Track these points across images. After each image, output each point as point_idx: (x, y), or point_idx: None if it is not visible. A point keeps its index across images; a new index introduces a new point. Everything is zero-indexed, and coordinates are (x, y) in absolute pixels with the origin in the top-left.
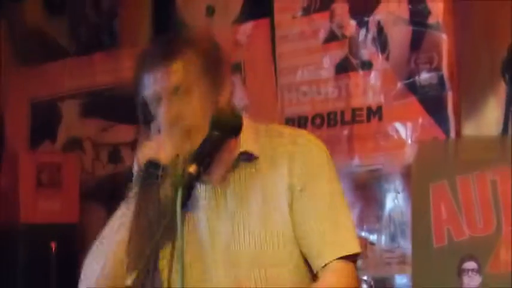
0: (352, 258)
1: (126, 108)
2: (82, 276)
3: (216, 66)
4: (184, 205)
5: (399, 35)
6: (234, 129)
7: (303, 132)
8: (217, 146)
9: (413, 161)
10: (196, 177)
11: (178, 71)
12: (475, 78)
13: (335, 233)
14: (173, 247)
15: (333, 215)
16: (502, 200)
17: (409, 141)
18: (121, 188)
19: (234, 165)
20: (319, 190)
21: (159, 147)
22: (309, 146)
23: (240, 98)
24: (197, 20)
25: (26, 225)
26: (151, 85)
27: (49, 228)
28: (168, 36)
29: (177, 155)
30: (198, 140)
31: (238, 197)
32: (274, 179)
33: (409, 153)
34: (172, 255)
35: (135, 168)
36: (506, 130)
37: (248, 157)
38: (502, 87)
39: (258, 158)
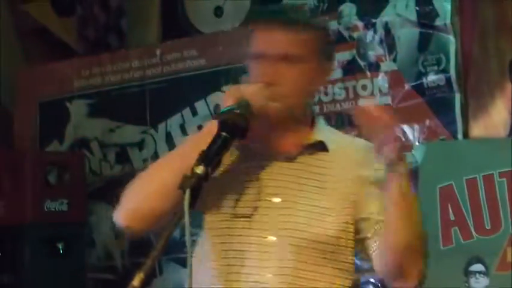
0: None
1: (134, 109)
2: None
3: (327, 54)
4: (192, 206)
5: (407, 36)
6: (241, 130)
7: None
8: (224, 147)
9: (420, 163)
10: (205, 178)
11: (294, 41)
12: (482, 79)
13: None
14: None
15: None
16: (509, 201)
17: (417, 143)
18: None
19: (305, 150)
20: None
21: (252, 91)
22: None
23: None
24: (205, 20)
25: (34, 225)
26: (264, 45)
27: (56, 228)
28: (296, 5)
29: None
30: (278, 115)
31: (300, 180)
32: (339, 180)
33: (416, 155)
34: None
35: (222, 105)
36: None
37: (321, 148)
38: (510, 89)
39: (327, 152)
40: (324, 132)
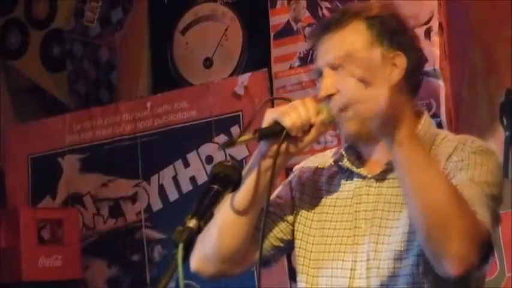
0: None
1: (126, 162)
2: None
3: (390, 36)
4: (185, 261)
5: None
6: (233, 182)
7: None
8: (217, 200)
9: None
10: (197, 232)
11: (336, 42)
12: (473, 123)
13: None
14: None
15: None
16: (504, 244)
17: None
18: (122, 242)
19: (391, 167)
20: None
21: (289, 111)
22: None
23: (239, 150)
24: (195, 71)
25: (29, 283)
26: (317, 61)
27: (52, 285)
28: (345, 6)
29: (310, 125)
30: (352, 127)
31: (391, 199)
32: None
33: None
34: None
35: (263, 125)
36: (506, 174)
37: None
38: (501, 131)
39: None
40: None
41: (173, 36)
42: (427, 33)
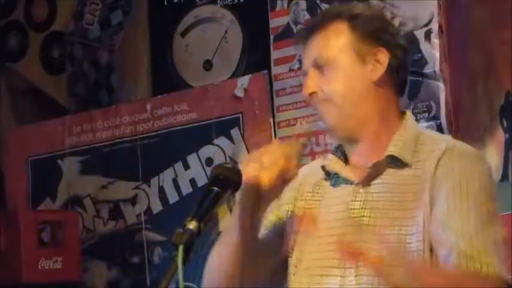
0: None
1: (126, 165)
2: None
3: (371, 36)
4: (185, 263)
5: None
6: (233, 185)
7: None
8: (217, 201)
9: None
10: (197, 234)
11: (319, 43)
12: (473, 125)
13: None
14: None
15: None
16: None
17: None
18: (122, 244)
19: (380, 168)
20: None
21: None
22: None
23: (239, 152)
24: (195, 74)
25: (29, 285)
26: (303, 64)
27: (51, 287)
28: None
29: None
30: (333, 120)
31: (377, 205)
32: (418, 192)
33: None
34: None
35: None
36: (506, 176)
37: (395, 163)
38: (500, 134)
39: (408, 165)
40: (402, 143)
41: (173, 39)
42: (427, 36)
